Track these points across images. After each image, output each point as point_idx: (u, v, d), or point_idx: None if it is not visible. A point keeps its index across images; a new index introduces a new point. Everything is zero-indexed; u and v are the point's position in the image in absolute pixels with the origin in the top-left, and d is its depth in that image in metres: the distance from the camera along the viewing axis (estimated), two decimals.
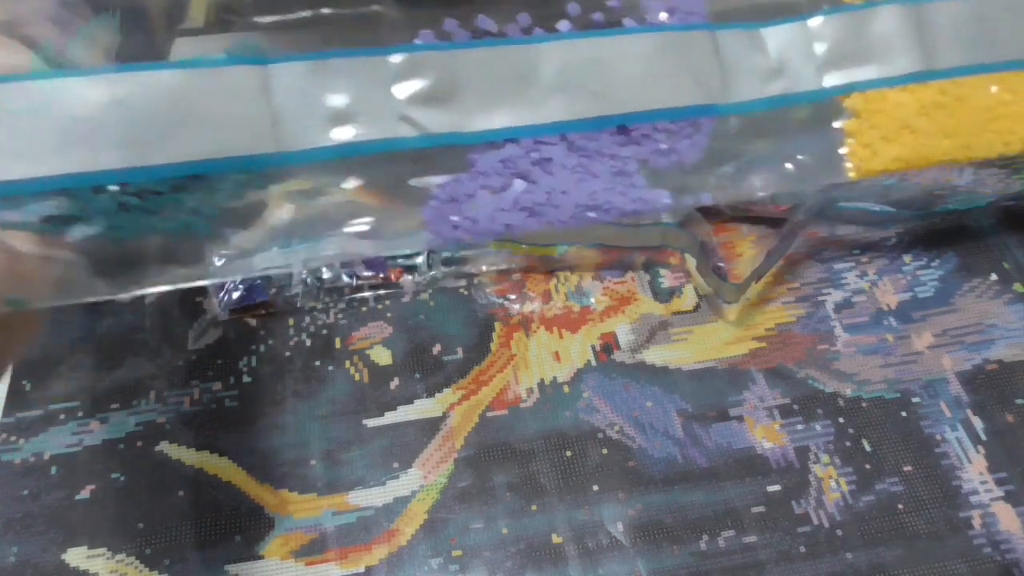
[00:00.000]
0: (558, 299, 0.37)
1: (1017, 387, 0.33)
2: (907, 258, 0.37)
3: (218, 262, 0.23)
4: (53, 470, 0.33)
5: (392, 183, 0.21)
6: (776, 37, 0.23)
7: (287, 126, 0.20)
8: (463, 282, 0.37)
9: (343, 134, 0.20)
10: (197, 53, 0.20)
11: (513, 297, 0.37)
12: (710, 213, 0.37)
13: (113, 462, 0.33)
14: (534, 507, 0.31)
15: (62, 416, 0.34)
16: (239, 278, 0.36)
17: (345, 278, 0.37)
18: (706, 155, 0.23)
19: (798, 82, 0.23)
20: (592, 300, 0.36)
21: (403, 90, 0.21)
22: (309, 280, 0.37)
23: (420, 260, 0.37)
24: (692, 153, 0.23)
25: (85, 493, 0.32)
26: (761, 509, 0.30)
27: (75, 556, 0.30)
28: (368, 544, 0.30)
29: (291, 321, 0.36)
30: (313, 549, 0.30)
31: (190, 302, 0.37)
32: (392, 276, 0.37)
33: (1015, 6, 0.25)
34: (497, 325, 0.36)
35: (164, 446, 0.33)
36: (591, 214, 0.22)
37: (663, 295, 0.37)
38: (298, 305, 0.37)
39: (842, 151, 0.23)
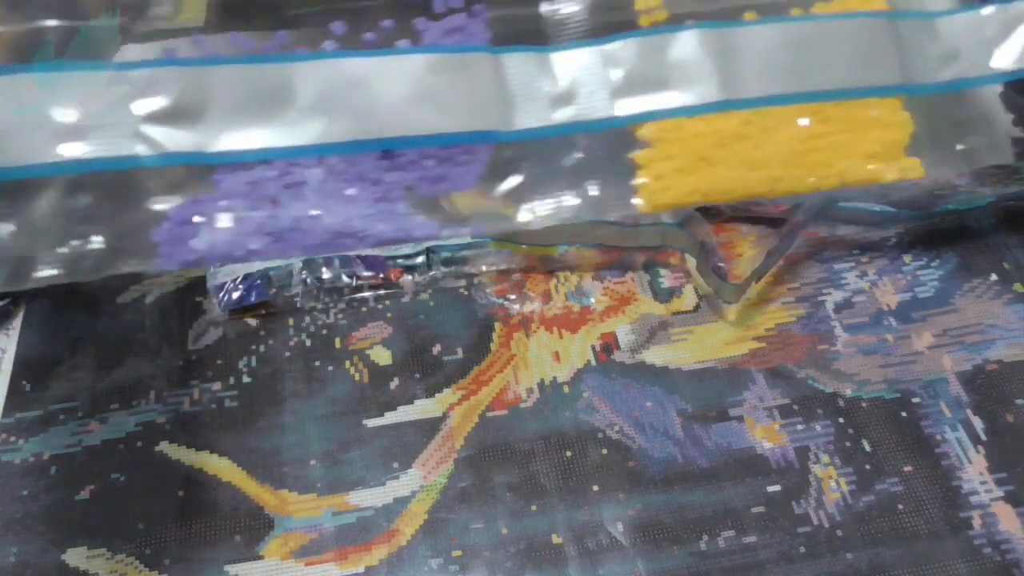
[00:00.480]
0: (558, 299, 0.37)
1: (1017, 387, 0.33)
2: (907, 258, 0.37)
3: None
4: (53, 470, 0.33)
5: (125, 203, 0.20)
6: (568, 61, 0.22)
7: (10, 141, 0.19)
8: (463, 282, 0.37)
9: (72, 150, 0.19)
10: None
11: (513, 297, 0.37)
12: (710, 213, 0.37)
13: (113, 462, 0.33)
14: (534, 507, 0.31)
15: (62, 416, 0.34)
16: (239, 278, 0.36)
17: (345, 278, 0.37)
18: (481, 183, 0.21)
19: (589, 109, 0.22)
20: (592, 300, 0.36)
21: (142, 107, 0.20)
22: (309, 280, 0.37)
23: (420, 260, 0.37)
24: (465, 181, 0.21)
25: (85, 493, 0.32)
26: (761, 509, 0.30)
27: (75, 556, 0.30)
28: (368, 544, 0.30)
29: (291, 321, 0.36)
30: (313, 549, 0.30)
31: (190, 302, 0.37)
32: (392, 276, 0.37)
33: (829, 34, 0.23)
34: (497, 325, 0.36)
35: (164, 446, 0.33)
36: (345, 241, 0.21)
37: (663, 295, 0.37)
38: (298, 305, 0.37)
39: (633, 182, 0.22)
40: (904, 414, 0.32)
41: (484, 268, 0.37)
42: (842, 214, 0.38)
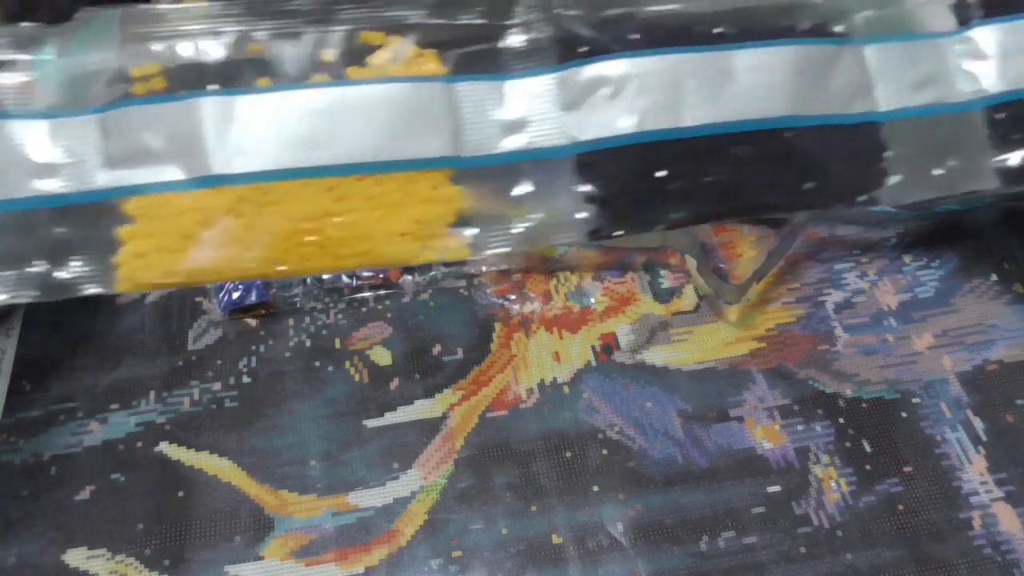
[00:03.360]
0: (558, 299, 0.37)
1: (1017, 387, 0.33)
2: (907, 258, 0.37)
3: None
4: (53, 471, 0.32)
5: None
6: (61, 129, 0.21)
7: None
8: (463, 282, 0.37)
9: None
10: None
11: (513, 297, 0.37)
12: None
13: (113, 462, 0.33)
14: (534, 508, 0.31)
15: (61, 417, 0.34)
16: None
17: (345, 278, 0.37)
18: None
19: (77, 182, 0.21)
20: (592, 300, 0.36)
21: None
22: (309, 280, 0.37)
23: None
24: None
25: (85, 494, 0.32)
26: (761, 510, 0.30)
27: (75, 556, 0.30)
28: (368, 545, 0.30)
29: (291, 321, 0.36)
30: (313, 550, 0.30)
31: (190, 302, 0.37)
32: (392, 276, 0.37)
33: (358, 102, 0.21)
34: (497, 325, 0.36)
35: (164, 446, 0.33)
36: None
37: (663, 295, 0.37)
38: (298, 305, 0.37)
39: (114, 258, 0.21)
40: (904, 414, 0.32)
41: (484, 268, 0.37)
42: (842, 214, 0.38)
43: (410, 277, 0.37)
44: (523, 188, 0.22)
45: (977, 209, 0.38)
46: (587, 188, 0.22)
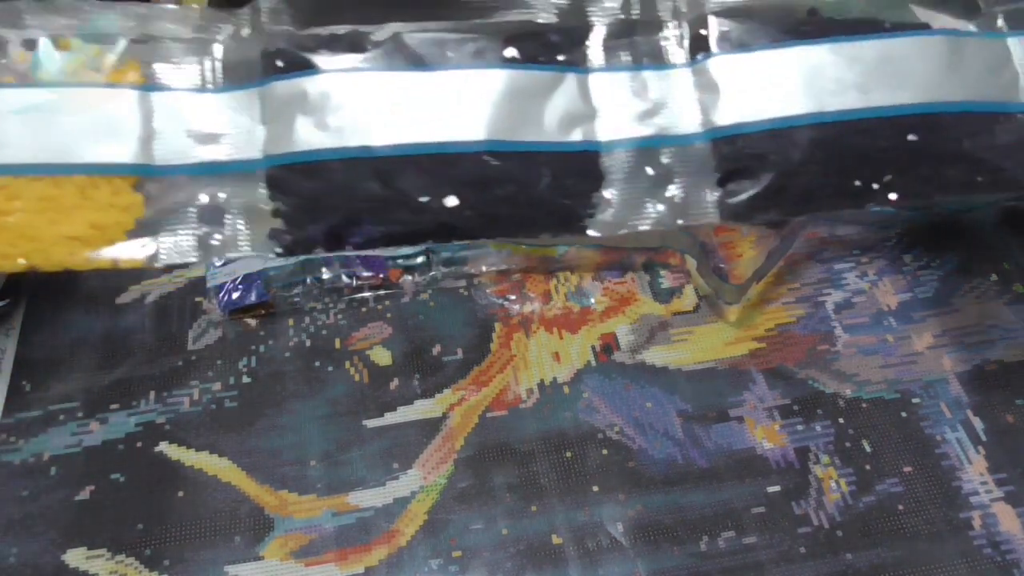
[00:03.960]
0: (558, 299, 0.37)
1: (1017, 387, 0.33)
2: (907, 258, 0.37)
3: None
4: (53, 471, 0.32)
5: None
6: None
7: None
8: (463, 282, 0.37)
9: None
10: None
11: (513, 297, 0.37)
12: None
13: (113, 462, 0.33)
14: (534, 508, 0.31)
15: (61, 417, 0.34)
16: (239, 278, 0.36)
17: (345, 278, 0.37)
18: None
19: None
20: (592, 300, 0.36)
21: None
22: (309, 280, 0.37)
23: (420, 260, 0.37)
24: None
25: (85, 494, 0.32)
26: (761, 510, 0.30)
27: (75, 556, 0.30)
28: (368, 545, 0.30)
29: (291, 321, 0.36)
30: (312, 550, 0.30)
31: (190, 302, 0.37)
32: (392, 276, 0.37)
33: (56, 105, 0.21)
34: (497, 325, 0.36)
35: (164, 446, 0.33)
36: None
37: (663, 295, 0.37)
38: (298, 305, 0.37)
39: None
40: (904, 414, 0.32)
41: (484, 268, 0.37)
42: (842, 214, 0.38)
43: (410, 277, 0.37)
44: (213, 199, 0.22)
45: (977, 209, 0.38)
46: (275, 203, 0.22)
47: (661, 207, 0.22)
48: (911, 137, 0.22)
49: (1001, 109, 0.22)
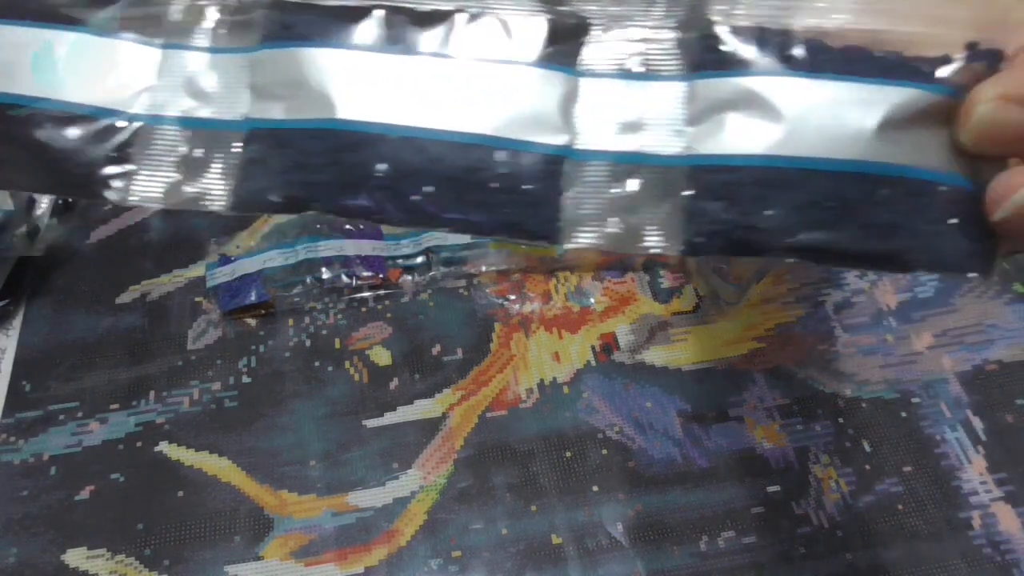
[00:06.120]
0: (558, 299, 0.37)
1: (1017, 387, 0.33)
2: None
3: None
4: (53, 470, 0.33)
5: None
6: None
7: None
8: (463, 282, 0.37)
9: None
10: None
11: (513, 297, 0.37)
12: None
13: (113, 462, 0.33)
14: (534, 508, 0.31)
15: (62, 417, 0.34)
16: (239, 278, 0.36)
17: (345, 278, 0.37)
18: None
19: None
20: (592, 300, 0.36)
21: None
22: (309, 280, 0.37)
23: (420, 260, 0.37)
24: None
25: (85, 493, 0.32)
26: (761, 510, 0.30)
27: (75, 556, 0.30)
28: (368, 545, 0.30)
29: (291, 321, 0.36)
30: (312, 550, 0.30)
31: (190, 302, 0.37)
32: (392, 276, 0.37)
33: None
34: (497, 325, 0.36)
35: (164, 446, 0.33)
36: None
37: (663, 295, 0.37)
38: (298, 305, 0.37)
39: None
40: (904, 414, 0.32)
41: (484, 268, 0.37)
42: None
43: (410, 277, 0.37)
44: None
45: None
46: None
47: (621, 225, 0.21)
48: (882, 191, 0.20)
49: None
